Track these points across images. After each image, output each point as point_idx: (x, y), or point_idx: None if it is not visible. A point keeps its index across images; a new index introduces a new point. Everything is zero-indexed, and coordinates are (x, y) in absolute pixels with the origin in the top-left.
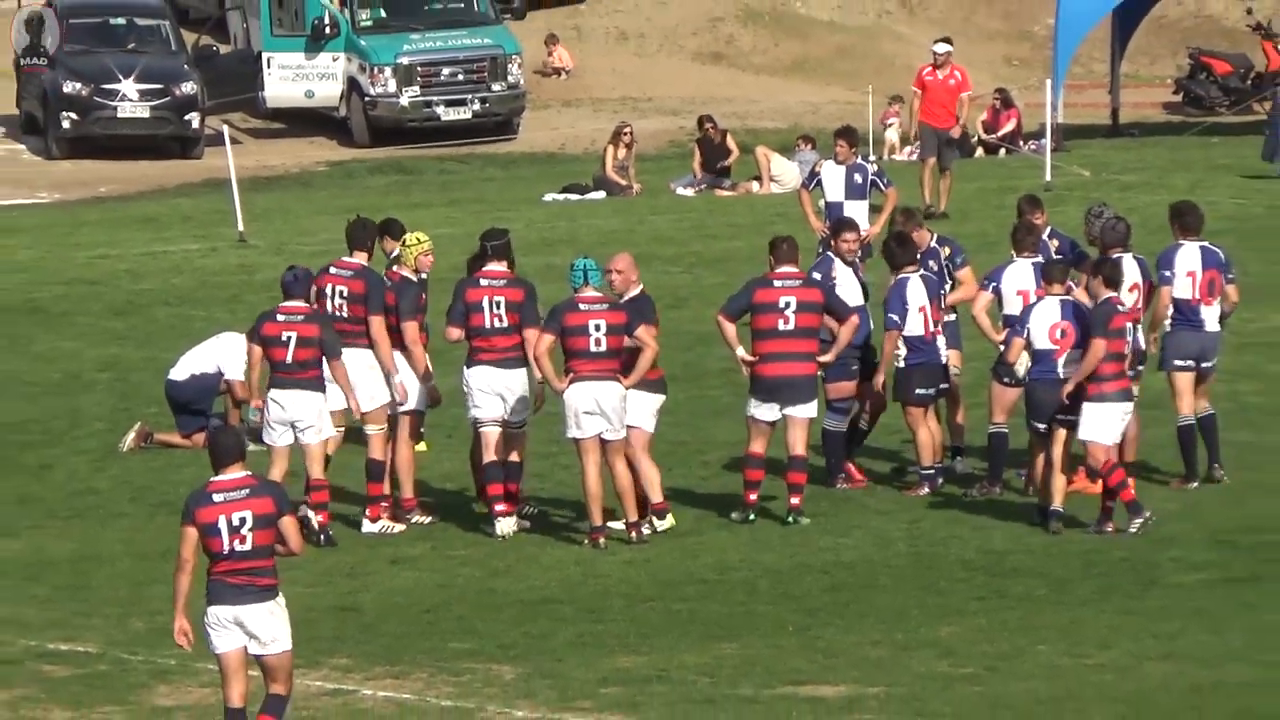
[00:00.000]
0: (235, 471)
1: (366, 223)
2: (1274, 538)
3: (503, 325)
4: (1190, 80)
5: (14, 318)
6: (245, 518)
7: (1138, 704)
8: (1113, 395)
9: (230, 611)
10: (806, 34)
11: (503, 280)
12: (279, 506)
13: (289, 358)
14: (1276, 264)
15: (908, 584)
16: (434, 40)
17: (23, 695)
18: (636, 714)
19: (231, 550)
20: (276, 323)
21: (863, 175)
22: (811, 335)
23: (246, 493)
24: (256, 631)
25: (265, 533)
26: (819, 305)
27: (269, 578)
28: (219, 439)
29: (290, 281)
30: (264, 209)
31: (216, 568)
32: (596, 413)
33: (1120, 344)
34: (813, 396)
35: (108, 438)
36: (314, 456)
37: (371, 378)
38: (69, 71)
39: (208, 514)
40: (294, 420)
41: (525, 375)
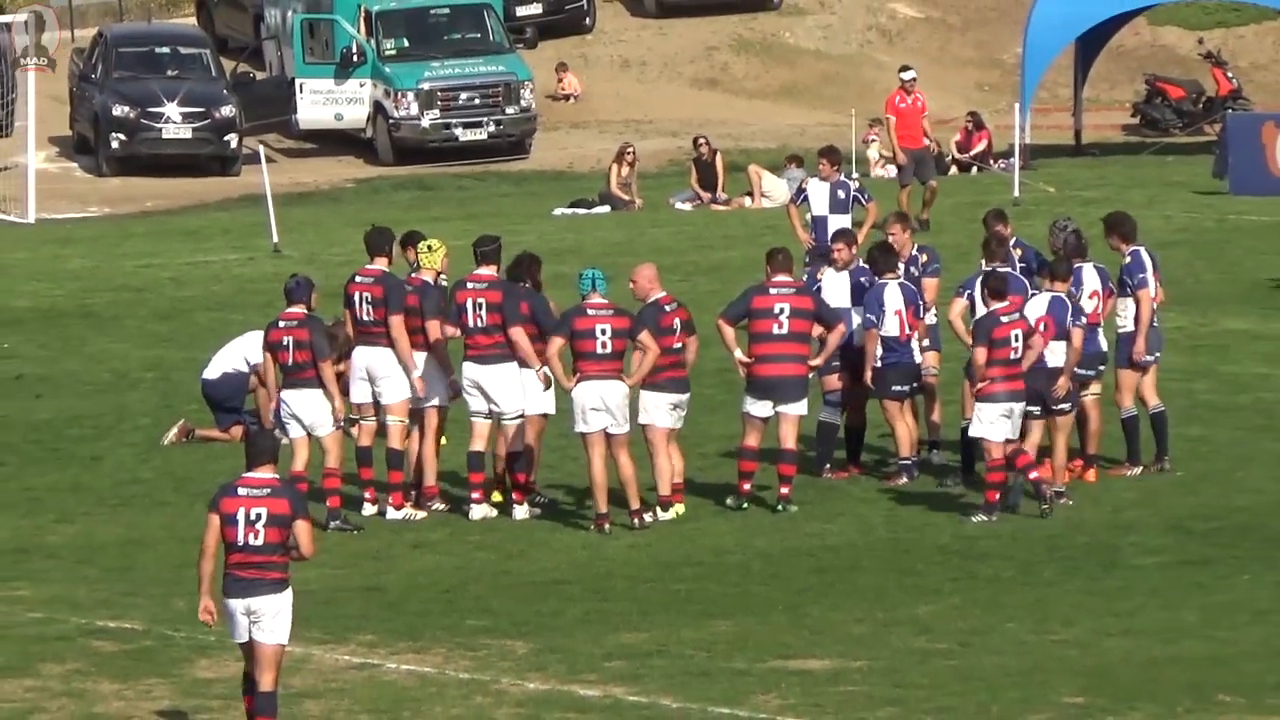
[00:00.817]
0: (264, 471)
1: (384, 230)
2: (1224, 524)
3: (483, 324)
4: (1147, 104)
5: (68, 321)
6: (261, 514)
7: (1099, 676)
8: (1001, 396)
9: (242, 604)
10: (794, 62)
11: (485, 283)
12: (294, 509)
13: (290, 360)
14: (1226, 273)
15: (888, 566)
16: (453, 68)
17: (74, 669)
18: (639, 685)
19: (246, 543)
20: (279, 329)
21: (845, 191)
22: (803, 339)
23: (268, 491)
24: (261, 621)
25: (277, 530)
26: (811, 312)
27: (279, 572)
28: (255, 439)
29: (291, 288)
30: (297, 222)
31: (230, 559)
32: (602, 409)
33: (1005, 351)
34: (803, 395)
35: (152, 432)
36: (328, 448)
37: (397, 373)
38: (118, 96)
39: (230, 505)
40: (300, 416)
41: (508, 370)
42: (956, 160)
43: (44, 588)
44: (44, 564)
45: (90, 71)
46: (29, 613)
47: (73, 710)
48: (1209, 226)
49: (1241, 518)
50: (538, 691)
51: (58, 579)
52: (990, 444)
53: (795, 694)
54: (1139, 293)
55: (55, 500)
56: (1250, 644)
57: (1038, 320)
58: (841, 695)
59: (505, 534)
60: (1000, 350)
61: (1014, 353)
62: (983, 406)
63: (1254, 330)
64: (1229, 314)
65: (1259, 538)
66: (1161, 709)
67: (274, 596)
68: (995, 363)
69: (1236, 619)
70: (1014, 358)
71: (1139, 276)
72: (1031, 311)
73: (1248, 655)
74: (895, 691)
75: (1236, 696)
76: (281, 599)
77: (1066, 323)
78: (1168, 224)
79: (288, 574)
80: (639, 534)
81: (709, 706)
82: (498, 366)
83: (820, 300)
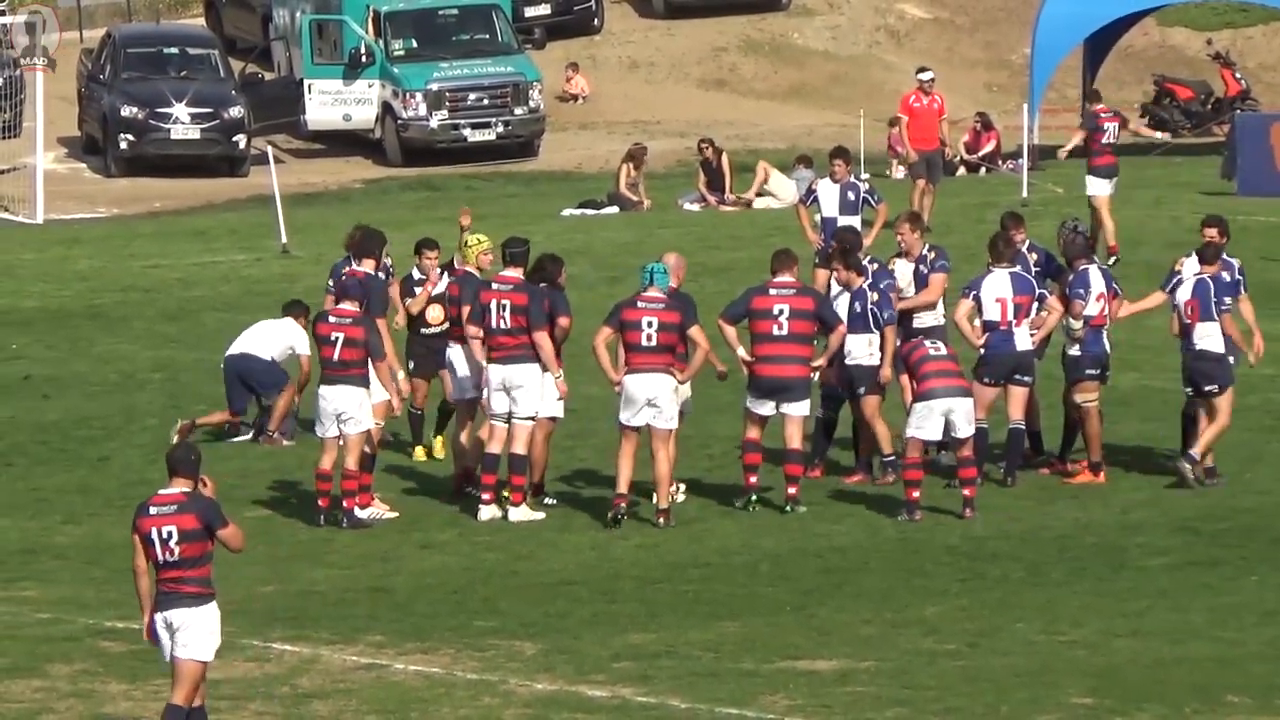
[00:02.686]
0: (176, 485)
1: (374, 233)
2: (1232, 525)
3: (507, 326)
4: (1155, 105)
5: (76, 322)
6: (171, 531)
7: (1107, 677)
8: (940, 392)
9: (161, 617)
10: (803, 63)
11: (510, 285)
12: (204, 522)
13: (335, 356)
14: None
15: (896, 567)
16: (461, 68)
17: (82, 669)
18: (647, 686)
19: (165, 560)
20: (328, 323)
21: (855, 192)
22: (804, 340)
23: (174, 509)
24: (178, 635)
25: (189, 545)
26: (811, 313)
27: (196, 586)
28: (171, 452)
29: (352, 286)
30: (305, 223)
31: (157, 575)
32: (644, 402)
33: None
34: (806, 395)
35: (160, 433)
36: (351, 447)
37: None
38: (126, 96)
39: (145, 524)
40: (338, 412)
41: (532, 371)
42: (965, 161)
43: (52, 588)
44: (52, 565)
45: (98, 72)
46: (37, 613)
47: (81, 711)
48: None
49: (1249, 519)
50: (545, 692)
51: (66, 580)
52: (914, 442)
53: (803, 695)
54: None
55: (63, 501)
56: (1258, 645)
57: (1185, 304)
58: (849, 696)
59: (513, 535)
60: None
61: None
62: (919, 406)
63: (1263, 331)
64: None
65: (1267, 539)
66: (1169, 710)
67: (190, 610)
68: (932, 357)
69: (1244, 620)
70: (936, 354)
71: (1076, 290)
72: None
73: (1256, 656)
74: (903, 692)
75: (1244, 697)
76: (199, 613)
77: (1211, 306)
78: (1175, 225)
79: (209, 589)
80: (647, 535)
81: (717, 707)
82: (522, 366)
83: (822, 301)
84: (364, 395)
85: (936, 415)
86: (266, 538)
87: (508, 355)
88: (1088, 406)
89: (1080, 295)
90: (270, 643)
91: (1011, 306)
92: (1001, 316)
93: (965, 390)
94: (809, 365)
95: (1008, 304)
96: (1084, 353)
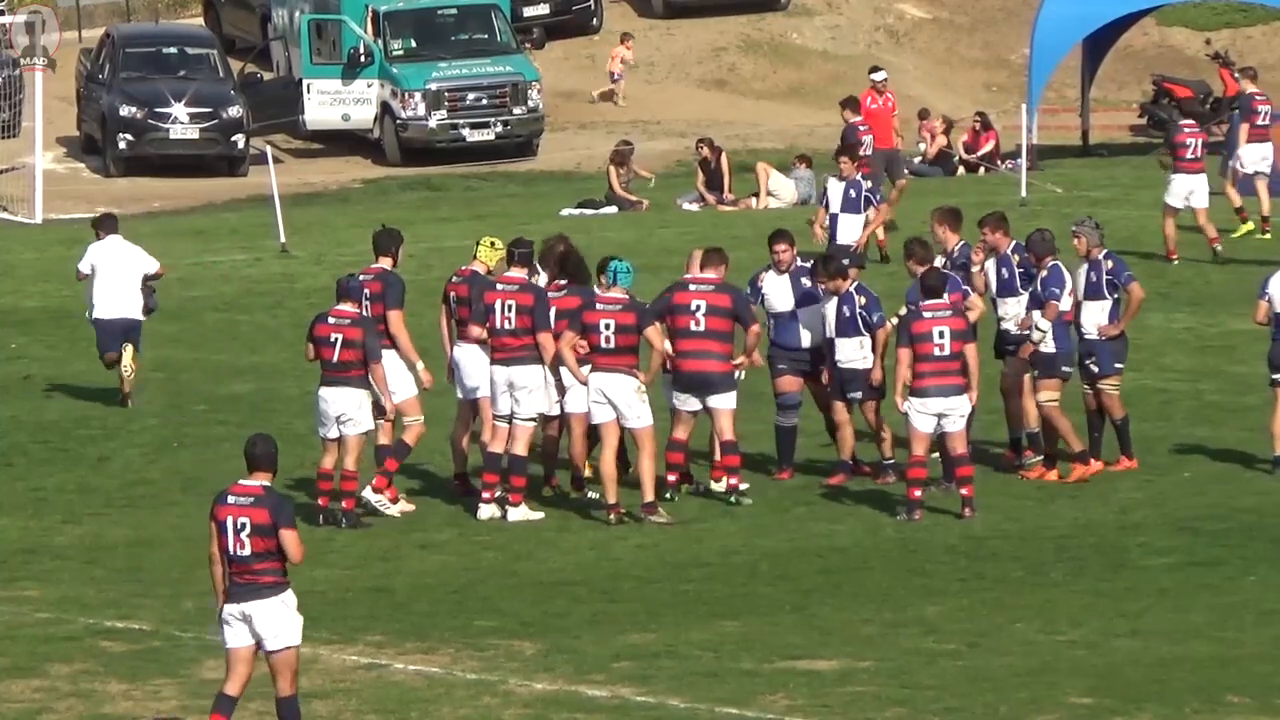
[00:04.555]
0: (256, 479)
1: (392, 231)
2: (1233, 524)
3: (511, 326)
4: (1154, 105)
5: (76, 322)
6: (245, 523)
7: (1107, 677)
8: (931, 390)
9: (238, 608)
10: (802, 63)
11: (515, 285)
12: (275, 519)
13: (335, 357)
14: (1233, 273)
15: (895, 567)
16: (460, 68)
17: (82, 669)
18: (646, 686)
19: (235, 553)
20: (327, 324)
21: (857, 191)
22: (722, 336)
23: (251, 501)
24: (261, 628)
25: (260, 540)
26: (727, 310)
27: (273, 577)
28: (249, 447)
29: (355, 287)
30: (304, 222)
31: (229, 568)
32: (604, 402)
33: (928, 347)
34: (730, 388)
35: (161, 432)
36: (349, 448)
37: (400, 371)
38: (125, 96)
39: (221, 512)
40: (337, 414)
41: (534, 371)
42: (964, 160)
43: (52, 588)
44: (52, 565)
45: (97, 72)
46: (37, 613)
47: (81, 711)
48: (1217, 227)
49: (1249, 518)
50: (545, 692)
51: (65, 580)
52: (914, 439)
53: (803, 694)
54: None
55: (63, 501)
56: (1258, 645)
57: None
58: (849, 696)
59: (513, 535)
60: (922, 346)
61: (938, 349)
62: (913, 401)
63: (1261, 331)
64: (1236, 315)
65: (1267, 538)
66: (1169, 710)
67: (270, 600)
68: (921, 358)
69: (1244, 620)
70: (939, 354)
71: (1051, 289)
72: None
73: (1256, 656)
74: (903, 692)
75: (1245, 697)
76: (278, 602)
77: None
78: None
79: (285, 579)
80: (647, 535)
81: (716, 707)
82: (526, 368)
83: (739, 299)
84: (364, 396)
85: (930, 414)
86: None
87: (511, 356)
88: (1051, 406)
89: (1055, 294)
90: None
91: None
92: None
93: (960, 389)
94: (729, 361)
95: None
96: (1059, 350)
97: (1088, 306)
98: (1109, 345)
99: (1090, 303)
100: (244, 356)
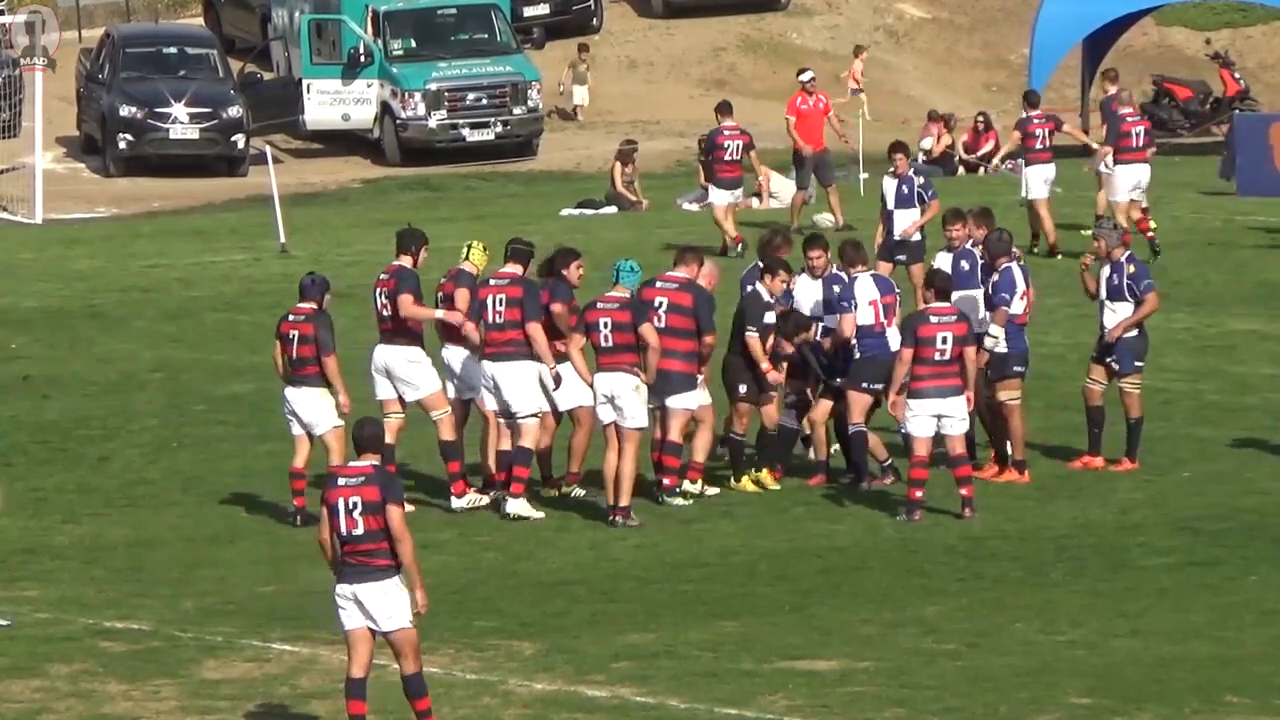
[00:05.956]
0: (364, 459)
1: (414, 231)
2: (1233, 524)
3: (500, 321)
4: (1154, 105)
5: (75, 322)
6: (357, 502)
7: (1107, 677)
8: (929, 392)
9: (349, 589)
10: (802, 62)
11: (506, 280)
12: (383, 495)
13: (294, 354)
14: (1233, 273)
15: (895, 567)
16: (460, 68)
17: (82, 669)
18: (646, 686)
19: (349, 533)
20: (288, 322)
21: (909, 186)
22: (682, 335)
23: (361, 480)
24: (373, 610)
25: (373, 518)
26: (688, 309)
27: (385, 559)
28: (357, 429)
29: (306, 285)
30: (304, 222)
31: (341, 548)
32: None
33: (930, 351)
34: (689, 388)
35: (161, 432)
36: (329, 446)
37: (418, 367)
38: (125, 96)
39: (333, 496)
40: (299, 414)
41: (523, 368)
42: (964, 160)
43: (52, 588)
44: (51, 565)
45: (97, 72)
46: (37, 613)
47: (80, 711)
48: (1215, 226)
49: (1250, 518)
50: (545, 692)
51: (65, 580)
52: (914, 440)
53: (802, 695)
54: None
55: (63, 501)
56: (1258, 645)
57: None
58: (848, 696)
59: (513, 535)
60: (924, 349)
61: (939, 354)
62: (911, 403)
63: (1261, 331)
64: (1236, 315)
65: (1267, 538)
66: (1169, 710)
67: (383, 583)
68: (921, 360)
69: (1244, 620)
70: (939, 358)
71: (1002, 294)
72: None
73: (1256, 656)
74: (902, 692)
75: (1244, 697)
76: (392, 584)
77: None
78: (1175, 225)
79: (395, 561)
80: (646, 535)
81: (716, 707)
82: (512, 364)
83: (702, 301)
84: (320, 394)
85: (927, 415)
86: (267, 538)
87: (498, 352)
88: (1012, 404)
89: (1005, 300)
90: (270, 643)
91: (881, 307)
92: (875, 319)
93: (958, 390)
94: (691, 362)
95: (879, 305)
96: (1011, 350)
97: (1109, 307)
98: (1129, 344)
99: (1112, 303)
100: (244, 356)
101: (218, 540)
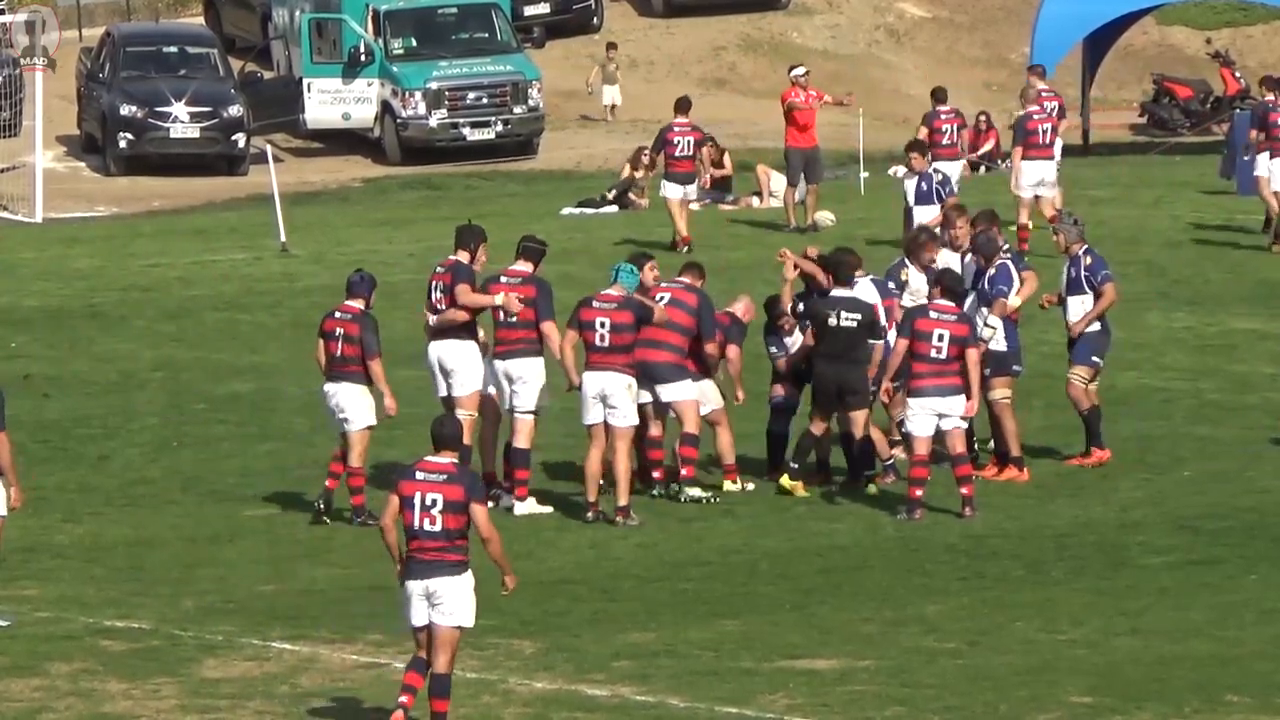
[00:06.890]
0: (444, 456)
1: (473, 228)
2: (1232, 523)
3: (513, 319)
4: (1154, 104)
5: (75, 321)
6: (437, 499)
7: (1107, 676)
8: (929, 391)
9: (421, 585)
10: (802, 62)
11: (518, 278)
12: (468, 495)
13: (338, 352)
14: (1233, 272)
15: (895, 566)
16: (461, 67)
17: (82, 668)
18: (646, 685)
19: (422, 528)
20: (334, 319)
21: (928, 183)
22: (680, 331)
23: (444, 478)
24: (445, 603)
25: (452, 517)
26: (691, 308)
27: (458, 555)
28: (437, 426)
29: (355, 282)
30: (304, 222)
31: (410, 543)
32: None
33: (925, 348)
34: (680, 378)
35: (161, 432)
36: (353, 445)
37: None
38: (125, 95)
39: (408, 488)
40: (338, 409)
41: (532, 364)
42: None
43: (52, 587)
44: (52, 563)
45: (98, 71)
46: (37, 612)
47: (80, 710)
48: (1215, 225)
49: (1250, 517)
50: (545, 691)
51: (65, 578)
52: (915, 439)
53: (802, 693)
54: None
55: (63, 500)
56: (1258, 643)
57: None
58: (849, 695)
59: (513, 534)
60: (921, 345)
61: (935, 351)
62: (911, 401)
63: (1261, 330)
64: (1236, 314)
65: (1267, 537)
66: (1169, 708)
67: (453, 579)
68: (919, 358)
69: (1245, 618)
70: (935, 356)
71: (1000, 288)
72: None
73: (1256, 655)
74: (903, 691)
75: (1244, 696)
76: (460, 581)
77: None
78: (1175, 224)
79: (468, 557)
80: (646, 534)
81: (716, 706)
82: (524, 360)
83: (704, 304)
84: (361, 392)
85: (927, 414)
86: (267, 536)
87: (510, 349)
88: (1004, 403)
89: (1003, 292)
90: (270, 641)
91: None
92: None
93: (957, 389)
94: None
95: (879, 310)
96: (1009, 348)
97: (1070, 301)
98: (1089, 338)
99: (1072, 298)
100: (244, 356)
101: (218, 539)
